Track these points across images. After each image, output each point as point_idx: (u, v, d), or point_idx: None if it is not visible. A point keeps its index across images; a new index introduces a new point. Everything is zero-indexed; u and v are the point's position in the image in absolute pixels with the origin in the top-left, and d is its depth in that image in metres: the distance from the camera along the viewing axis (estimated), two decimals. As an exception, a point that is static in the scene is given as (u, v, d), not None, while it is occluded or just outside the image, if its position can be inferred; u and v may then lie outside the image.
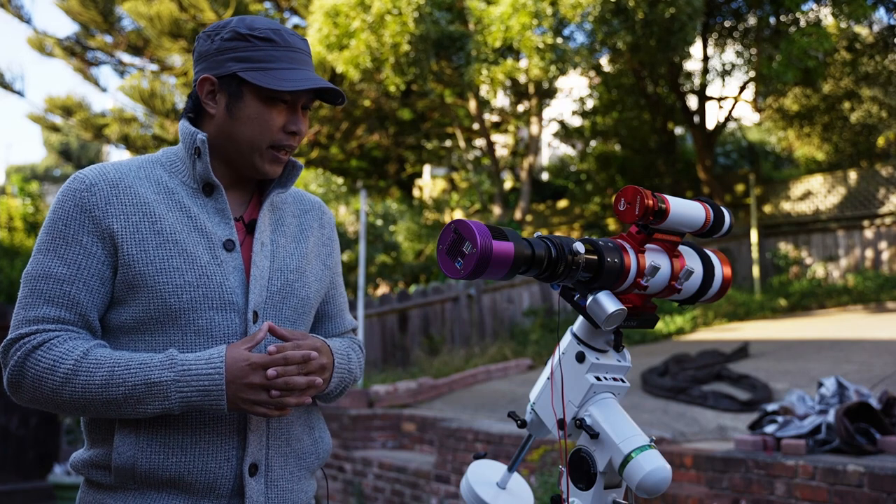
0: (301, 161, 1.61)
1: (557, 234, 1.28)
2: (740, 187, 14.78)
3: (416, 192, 18.65)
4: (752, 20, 13.32)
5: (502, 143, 17.97)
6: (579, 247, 1.14)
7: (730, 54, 14.30)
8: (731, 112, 14.17)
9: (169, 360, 1.34)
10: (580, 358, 1.24)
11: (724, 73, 13.74)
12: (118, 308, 1.41)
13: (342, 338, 1.64)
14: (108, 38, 13.96)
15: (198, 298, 1.39)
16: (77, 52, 13.96)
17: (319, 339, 1.45)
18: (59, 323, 1.36)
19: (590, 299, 1.16)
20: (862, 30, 13.29)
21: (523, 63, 11.26)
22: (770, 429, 3.90)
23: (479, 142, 16.08)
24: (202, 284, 1.40)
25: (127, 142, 13.63)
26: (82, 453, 1.45)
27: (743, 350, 7.39)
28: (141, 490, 1.39)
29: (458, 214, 16.45)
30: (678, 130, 16.52)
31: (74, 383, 1.32)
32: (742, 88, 14.01)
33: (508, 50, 11.17)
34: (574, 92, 16.59)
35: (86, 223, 1.39)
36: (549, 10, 9.99)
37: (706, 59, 14.17)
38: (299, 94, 1.44)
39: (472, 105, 12.79)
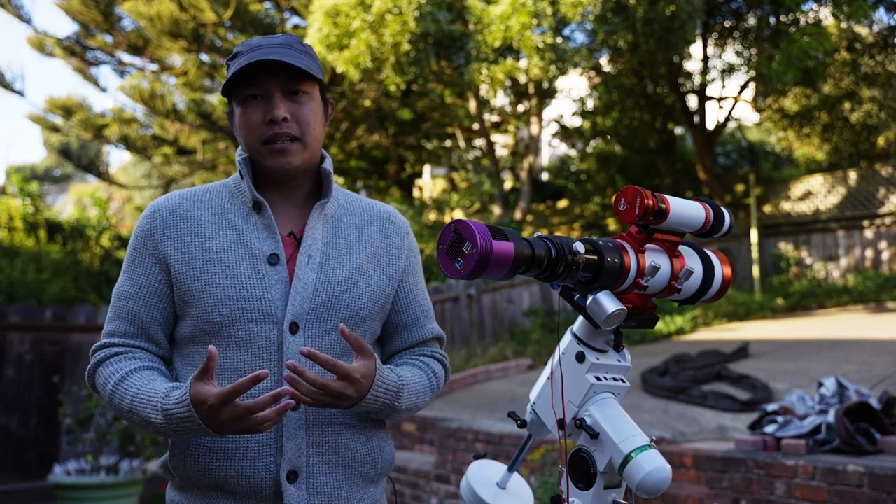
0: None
1: (557, 234, 1.27)
2: (740, 187, 14.78)
3: (416, 192, 18.65)
4: (752, 20, 13.32)
5: (502, 143, 17.97)
6: (579, 247, 1.14)
7: (730, 54, 14.32)
8: (731, 112, 14.17)
9: (160, 404, 1.39)
10: (580, 358, 1.24)
11: (724, 73, 13.74)
12: (180, 323, 1.54)
13: (421, 358, 1.62)
14: (109, 38, 13.97)
15: (237, 311, 1.46)
16: (77, 51, 13.96)
17: (357, 373, 1.40)
18: (124, 336, 1.53)
19: (590, 299, 1.16)
20: (862, 30, 13.29)
21: (523, 63, 11.26)
22: (770, 429, 3.90)
23: (479, 142, 16.09)
24: (241, 298, 1.46)
25: (127, 142, 13.64)
26: (164, 455, 1.57)
27: (743, 350, 7.39)
28: (202, 490, 1.49)
29: (458, 214, 16.45)
30: (678, 130, 16.53)
31: (114, 402, 1.47)
32: (742, 88, 14.01)
33: (508, 49, 11.17)
34: (574, 92, 16.60)
35: (148, 247, 1.54)
36: (548, 10, 9.99)
37: (706, 58, 14.17)
38: (264, 83, 1.49)
39: (472, 105, 12.79)
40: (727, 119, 14.21)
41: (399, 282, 1.62)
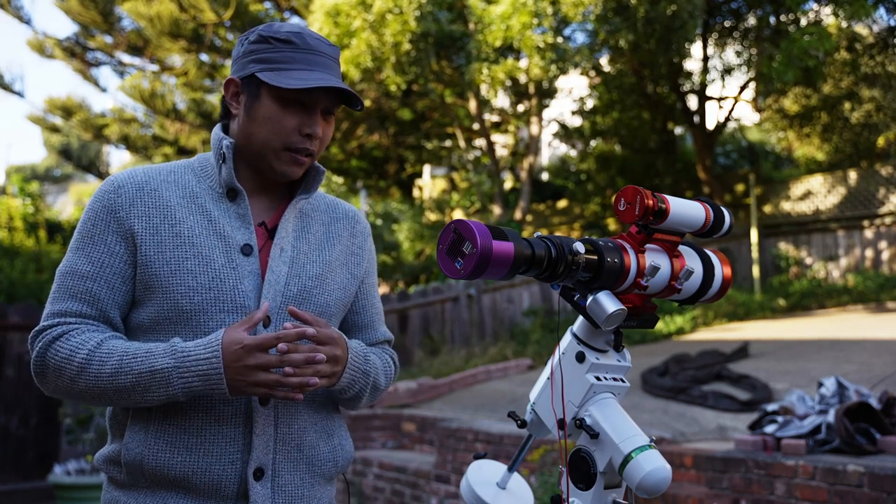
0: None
1: (557, 234, 1.27)
2: (740, 187, 14.78)
3: (416, 192, 18.66)
4: (752, 20, 13.32)
5: (502, 143, 17.97)
6: (579, 247, 1.14)
7: (730, 54, 14.32)
8: (731, 112, 14.17)
9: (171, 348, 1.35)
10: (580, 358, 1.24)
11: (725, 73, 13.75)
12: (137, 308, 1.45)
13: (374, 347, 1.64)
14: (108, 39, 13.98)
15: (209, 301, 1.41)
16: (77, 52, 13.97)
17: (337, 332, 1.44)
18: (79, 317, 1.40)
19: (590, 299, 1.16)
20: (862, 30, 13.28)
21: (524, 62, 11.26)
22: (770, 429, 3.90)
23: (479, 142, 16.08)
24: (214, 287, 1.41)
25: (127, 142, 13.65)
26: (103, 449, 1.49)
27: (743, 350, 7.39)
28: (151, 489, 1.41)
29: (458, 214, 16.45)
30: (678, 130, 16.52)
31: (88, 372, 1.35)
32: (742, 88, 14.00)
33: (509, 49, 11.17)
34: (574, 92, 16.60)
35: (111, 223, 1.43)
36: (549, 10, 9.99)
37: (706, 58, 14.17)
38: (316, 96, 1.45)
39: (472, 105, 12.79)
40: (727, 119, 14.21)
41: (360, 282, 1.62)
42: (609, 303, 1.15)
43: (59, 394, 1.41)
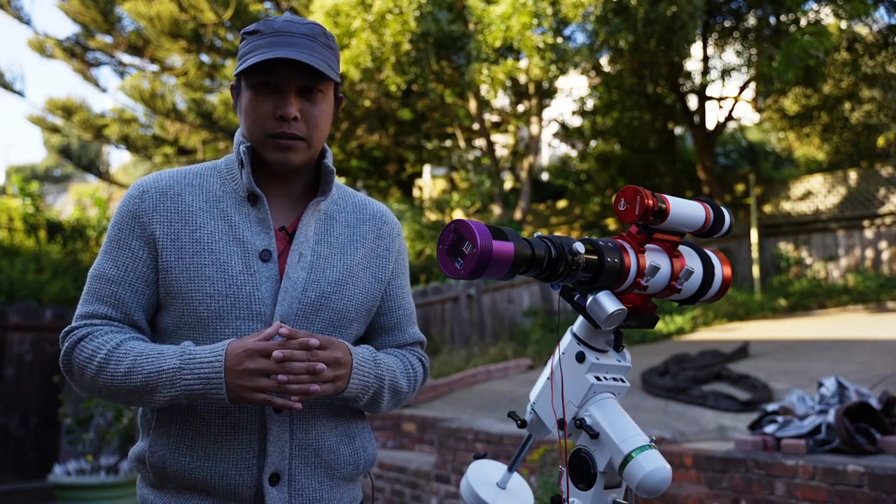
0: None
1: (557, 234, 1.27)
2: (740, 187, 14.78)
3: (416, 192, 18.66)
4: (752, 20, 13.32)
5: (502, 143, 17.97)
6: (579, 247, 1.14)
7: (730, 54, 14.33)
8: (731, 112, 14.17)
9: (181, 350, 1.37)
10: (580, 358, 1.24)
11: (725, 73, 13.75)
12: (162, 312, 1.47)
13: (400, 350, 1.62)
14: (109, 39, 13.98)
15: (226, 308, 1.41)
16: (77, 52, 13.98)
17: (339, 341, 1.42)
18: (105, 319, 1.44)
19: (590, 299, 1.16)
20: (862, 30, 13.28)
21: (523, 63, 11.27)
22: (770, 429, 3.90)
23: (479, 142, 16.09)
24: (231, 294, 1.42)
25: (127, 142, 13.65)
26: (135, 447, 1.52)
27: (743, 350, 7.39)
28: (178, 490, 1.44)
29: (458, 214, 16.45)
30: (678, 130, 16.52)
31: (106, 372, 1.38)
32: (742, 88, 14.00)
33: (509, 49, 11.18)
34: (574, 92, 16.60)
35: (135, 228, 1.46)
36: (549, 10, 9.99)
37: (706, 58, 14.17)
38: (282, 75, 1.42)
39: (472, 105, 12.79)
40: (727, 119, 14.21)
41: (386, 285, 1.59)
42: (609, 303, 1.15)
43: (85, 390, 1.45)
